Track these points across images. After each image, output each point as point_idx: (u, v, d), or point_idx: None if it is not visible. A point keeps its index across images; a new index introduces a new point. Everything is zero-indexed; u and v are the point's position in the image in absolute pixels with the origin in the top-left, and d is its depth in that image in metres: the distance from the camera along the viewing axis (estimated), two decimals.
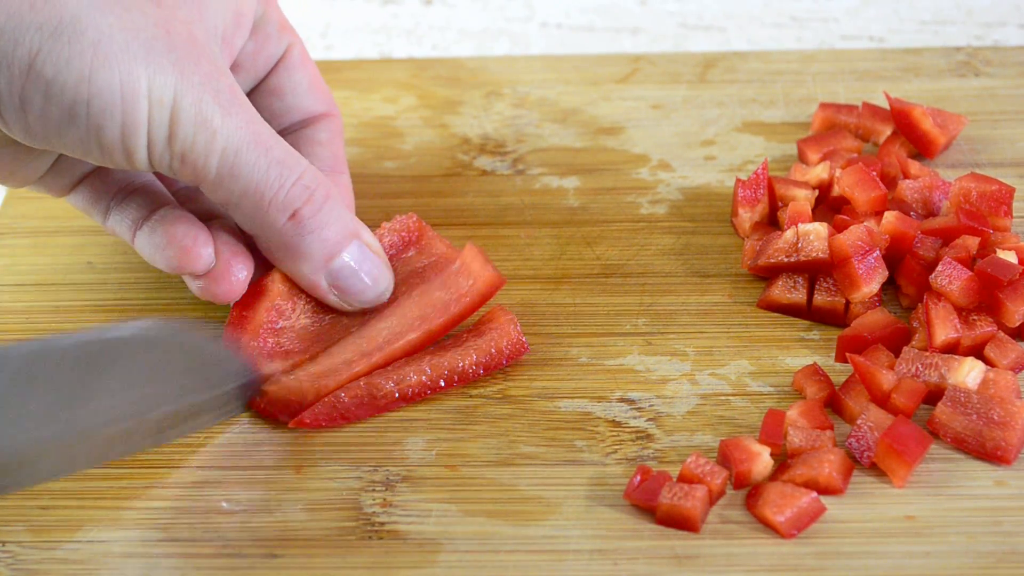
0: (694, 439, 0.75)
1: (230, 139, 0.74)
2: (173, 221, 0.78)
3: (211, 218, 0.81)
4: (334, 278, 0.79)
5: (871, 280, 0.79)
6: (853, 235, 0.79)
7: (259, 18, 0.83)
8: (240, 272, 0.78)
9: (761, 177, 0.86)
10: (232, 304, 0.79)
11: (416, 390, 0.77)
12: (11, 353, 0.69)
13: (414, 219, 0.83)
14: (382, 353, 0.78)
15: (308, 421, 0.76)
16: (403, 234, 0.83)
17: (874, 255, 0.79)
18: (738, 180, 0.86)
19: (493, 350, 0.78)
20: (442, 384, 0.77)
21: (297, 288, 0.80)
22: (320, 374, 0.77)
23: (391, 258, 0.82)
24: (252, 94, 0.85)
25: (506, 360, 0.78)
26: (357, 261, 0.78)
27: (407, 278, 0.82)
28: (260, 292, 0.79)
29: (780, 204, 0.86)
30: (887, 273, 0.80)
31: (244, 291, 0.79)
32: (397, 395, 0.77)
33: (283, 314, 0.80)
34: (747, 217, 0.86)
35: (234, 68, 0.82)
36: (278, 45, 0.84)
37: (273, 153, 0.75)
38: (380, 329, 0.79)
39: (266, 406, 0.77)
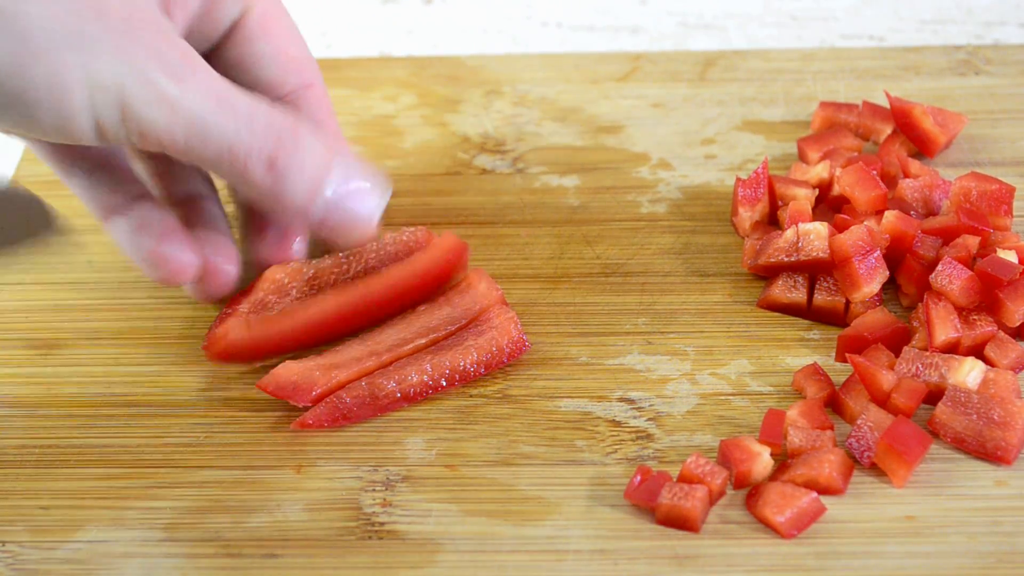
0: (694, 439, 0.75)
1: (193, 108, 0.71)
2: (157, 237, 0.77)
3: (188, 199, 0.81)
4: (322, 215, 0.77)
5: (872, 280, 0.79)
6: (854, 235, 0.79)
7: None
8: (228, 271, 0.80)
9: (761, 176, 0.86)
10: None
11: (418, 390, 0.77)
12: None
13: (423, 231, 0.83)
14: (391, 354, 0.79)
15: (311, 422, 0.76)
16: (411, 244, 0.83)
17: (875, 255, 0.79)
18: (738, 179, 0.86)
19: (494, 349, 0.78)
20: (443, 383, 0.77)
21: (285, 285, 0.81)
22: (330, 364, 0.78)
23: (396, 261, 0.82)
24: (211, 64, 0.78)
25: (507, 358, 0.78)
26: (339, 194, 0.76)
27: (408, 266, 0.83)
28: (249, 291, 0.81)
29: (780, 203, 0.86)
30: (888, 273, 0.80)
31: (233, 286, 0.80)
32: (399, 395, 0.77)
33: (271, 306, 0.81)
34: (747, 216, 0.86)
35: (185, 34, 0.78)
36: (231, 7, 0.78)
37: (239, 110, 0.73)
38: (388, 334, 0.80)
39: (275, 389, 0.77)
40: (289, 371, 0.77)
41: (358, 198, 0.77)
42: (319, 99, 0.81)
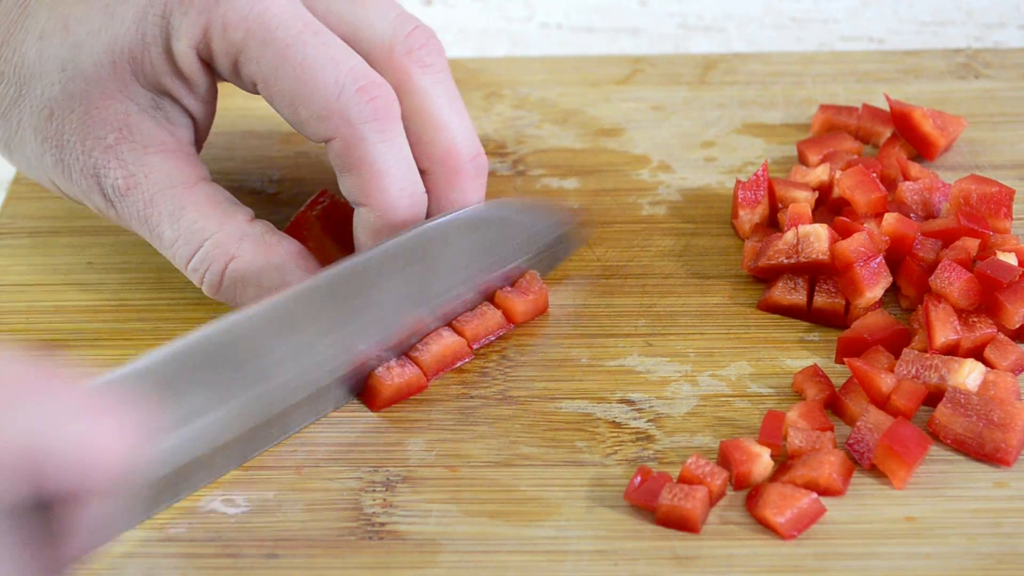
0: (694, 440, 0.75)
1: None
2: None
3: None
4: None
5: (875, 285, 0.79)
6: (856, 241, 0.79)
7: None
8: None
9: (761, 178, 0.86)
10: None
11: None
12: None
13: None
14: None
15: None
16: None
17: (877, 260, 0.79)
18: (738, 181, 0.86)
19: None
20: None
21: None
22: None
23: None
24: None
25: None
26: (210, 279, 0.79)
27: None
28: None
29: (780, 206, 0.86)
30: (891, 278, 0.80)
31: None
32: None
33: None
34: (747, 219, 0.86)
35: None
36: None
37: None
38: None
39: None
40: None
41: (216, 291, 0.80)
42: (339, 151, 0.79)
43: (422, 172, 0.80)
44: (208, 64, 0.78)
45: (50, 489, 0.54)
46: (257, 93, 0.78)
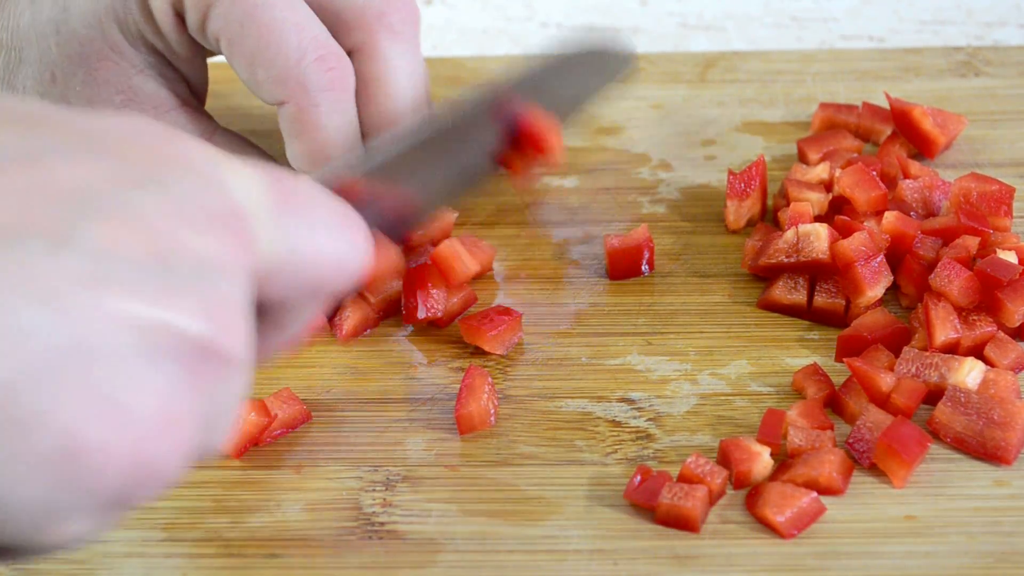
0: (694, 439, 0.75)
1: None
2: None
3: None
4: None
5: (876, 284, 0.79)
6: (856, 240, 0.79)
7: None
8: None
9: (754, 172, 0.86)
10: None
11: None
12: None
13: None
14: None
15: None
16: None
17: (878, 260, 0.79)
18: (730, 172, 0.86)
19: None
20: None
21: None
22: None
23: None
24: None
25: None
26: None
27: None
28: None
29: (786, 205, 0.86)
30: (891, 277, 0.80)
31: None
32: None
33: None
34: (733, 209, 0.86)
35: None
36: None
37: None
38: None
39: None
40: None
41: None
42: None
43: (363, 135, 0.80)
44: (183, 19, 0.78)
45: (293, 293, 0.55)
46: (220, 52, 0.79)
